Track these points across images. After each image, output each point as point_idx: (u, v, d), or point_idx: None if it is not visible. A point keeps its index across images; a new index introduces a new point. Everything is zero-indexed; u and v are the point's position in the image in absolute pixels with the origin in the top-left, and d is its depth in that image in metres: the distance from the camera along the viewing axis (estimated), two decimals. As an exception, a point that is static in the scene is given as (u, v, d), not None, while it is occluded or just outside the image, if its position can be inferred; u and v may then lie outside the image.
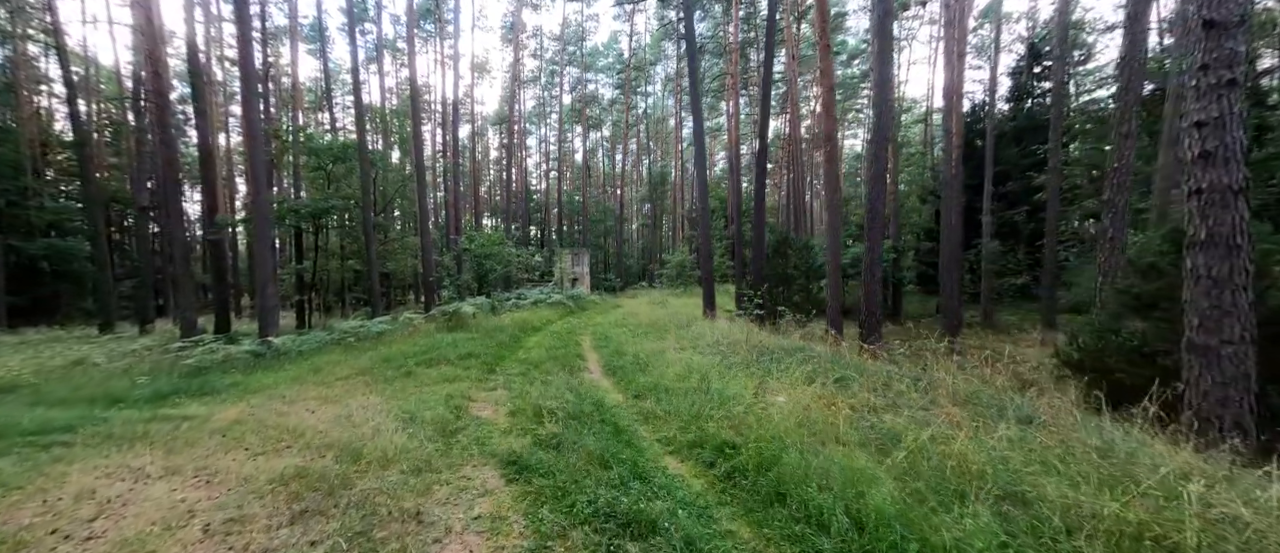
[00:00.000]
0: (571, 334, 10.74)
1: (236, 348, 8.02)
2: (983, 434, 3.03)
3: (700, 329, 9.14)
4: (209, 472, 3.56)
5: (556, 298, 17.65)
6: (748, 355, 6.10)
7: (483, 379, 6.31)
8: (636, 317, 12.99)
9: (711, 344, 7.39)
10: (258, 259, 10.00)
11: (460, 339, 8.88)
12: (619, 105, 48.22)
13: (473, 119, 47.30)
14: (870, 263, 8.29)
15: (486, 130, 56.73)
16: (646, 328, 10.69)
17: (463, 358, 7.38)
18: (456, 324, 10.18)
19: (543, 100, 47.50)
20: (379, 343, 8.42)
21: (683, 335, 8.55)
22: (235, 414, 5.17)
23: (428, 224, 13.11)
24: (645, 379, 5.62)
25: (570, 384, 5.67)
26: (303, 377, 6.92)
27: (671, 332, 9.22)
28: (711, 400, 4.26)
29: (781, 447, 3.06)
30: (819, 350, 6.49)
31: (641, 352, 7.23)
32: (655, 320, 11.51)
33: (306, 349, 8.21)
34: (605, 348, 8.50)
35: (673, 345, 7.70)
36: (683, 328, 9.86)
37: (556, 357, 7.44)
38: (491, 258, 15.33)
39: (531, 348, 8.80)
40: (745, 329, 8.91)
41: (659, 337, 9.10)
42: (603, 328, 11.64)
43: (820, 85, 8.47)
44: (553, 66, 42.54)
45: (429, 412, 4.61)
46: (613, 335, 9.92)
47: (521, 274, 18.86)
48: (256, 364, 7.81)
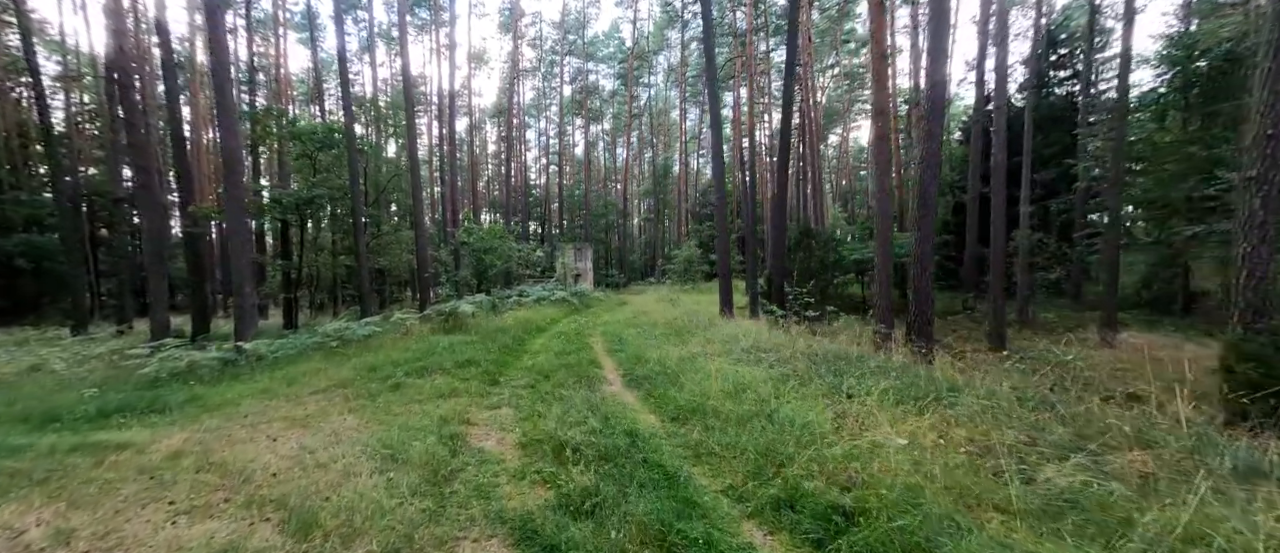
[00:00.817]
0: (580, 335, 9.77)
1: (203, 354, 7.03)
2: (1215, 500, 2.06)
3: (728, 330, 8.17)
4: (107, 544, 2.58)
5: (560, 295, 16.67)
6: (804, 366, 5.12)
7: (484, 394, 5.33)
8: (648, 315, 12.02)
9: (747, 349, 6.41)
10: (233, 255, 8.99)
11: (458, 343, 7.89)
12: (620, 97, 47.06)
13: (470, 112, 46.11)
14: (922, 255, 7.32)
15: (484, 123, 55.53)
16: (663, 328, 9.72)
17: (461, 366, 6.39)
18: (454, 325, 9.20)
19: (542, 91, 46.29)
20: (366, 348, 7.43)
21: (709, 338, 7.58)
22: (179, 443, 4.20)
23: (423, 217, 12.13)
24: (682, 397, 4.65)
25: (591, 403, 4.69)
26: (273, 389, 5.94)
27: (696, 334, 8.25)
28: (783, 433, 3.29)
29: (923, 518, 2.09)
30: (892, 361, 5.52)
31: (667, 359, 6.25)
32: (671, 320, 10.54)
33: (283, 355, 7.22)
34: (621, 352, 7.53)
35: (700, 350, 6.73)
36: (704, 329, 8.89)
37: (568, 365, 6.46)
38: (491, 253, 14.32)
39: (538, 352, 7.82)
40: (785, 332, 7.95)
41: (680, 339, 8.13)
42: (613, 328, 10.67)
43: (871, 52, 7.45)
44: (552, 56, 41.33)
45: (417, 443, 3.64)
46: (627, 337, 8.95)
47: (522, 270, 17.88)
48: (224, 373, 6.82)
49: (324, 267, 16.40)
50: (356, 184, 10.88)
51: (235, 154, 8.68)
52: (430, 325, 9.23)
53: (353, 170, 10.89)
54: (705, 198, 45.17)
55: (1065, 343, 10.38)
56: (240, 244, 9.05)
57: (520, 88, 42.86)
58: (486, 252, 14.05)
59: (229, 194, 8.75)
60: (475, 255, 13.92)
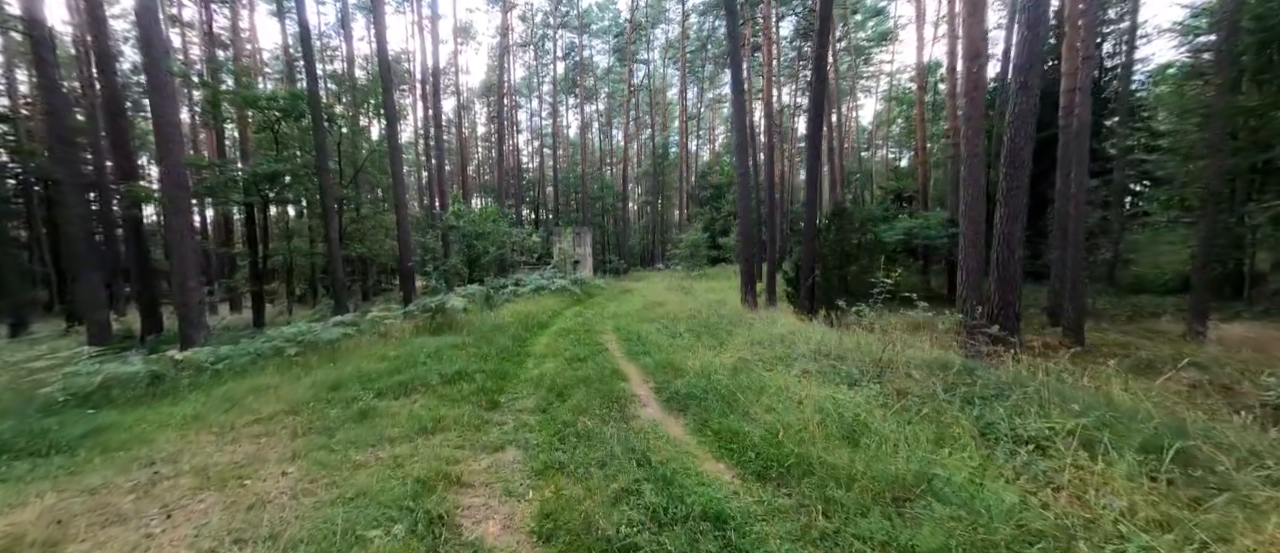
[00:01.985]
0: (589, 333, 8.44)
1: (128, 367, 5.61)
2: None
3: (769, 328, 6.86)
4: None
5: (560, 284, 15.29)
6: (918, 386, 3.82)
7: (480, 424, 3.99)
8: (663, 307, 10.70)
9: (811, 355, 5.12)
10: (174, 242, 7.52)
11: (447, 347, 6.53)
12: (615, 74, 45.05)
13: (458, 91, 43.97)
14: (1009, 234, 6.02)
15: (473, 104, 53.35)
16: (686, 323, 8.41)
17: (450, 381, 5.04)
18: (442, 324, 7.82)
19: (533, 68, 44.15)
20: (332, 356, 6.04)
21: (752, 339, 6.27)
22: (28, 520, 2.84)
23: (404, 196, 10.61)
24: (757, 433, 3.35)
25: (628, 443, 3.38)
26: (204, 417, 4.57)
27: (731, 331, 6.93)
28: (980, 519, 1.99)
29: None
30: (1014, 370, 4.24)
31: (713, 370, 4.94)
32: (693, 313, 9.22)
33: (229, 367, 5.82)
34: (645, 356, 6.21)
35: (749, 355, 5.42)
36: (737, 324, 7.59)
37: (586, 378, 5.13)
38: (484, 238, 12.84)
39: (544, 358, 6.48)
40: (837, 328, 6.67)
41: (714, 338, 6.82)
42: (626, 322, 9.35)
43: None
44: (544, 29, 39.18)
45: (377, 534, 2.31)
46: (646, 335, 7.63)
47: (518, 257, 16.44)
48: (149, 392, 5.42)
49: (300, 256, 14.86)
50: (324, 158, 9.34)
51: (169, 120, 7.12)
52: (414, 324, 7.84)
53: (320, 143, 9.31)
54: (705, 181, 43.65)
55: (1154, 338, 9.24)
56: (180, 229, 7.56)
57: (511, 64, 40.75)
58: (479, 237, 12.55)
59: (164, 169, 7.24)
60: (466, 241, 12.43)
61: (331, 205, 9.50)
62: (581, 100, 42.02)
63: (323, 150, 9.32)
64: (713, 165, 48.05)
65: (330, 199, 9.37)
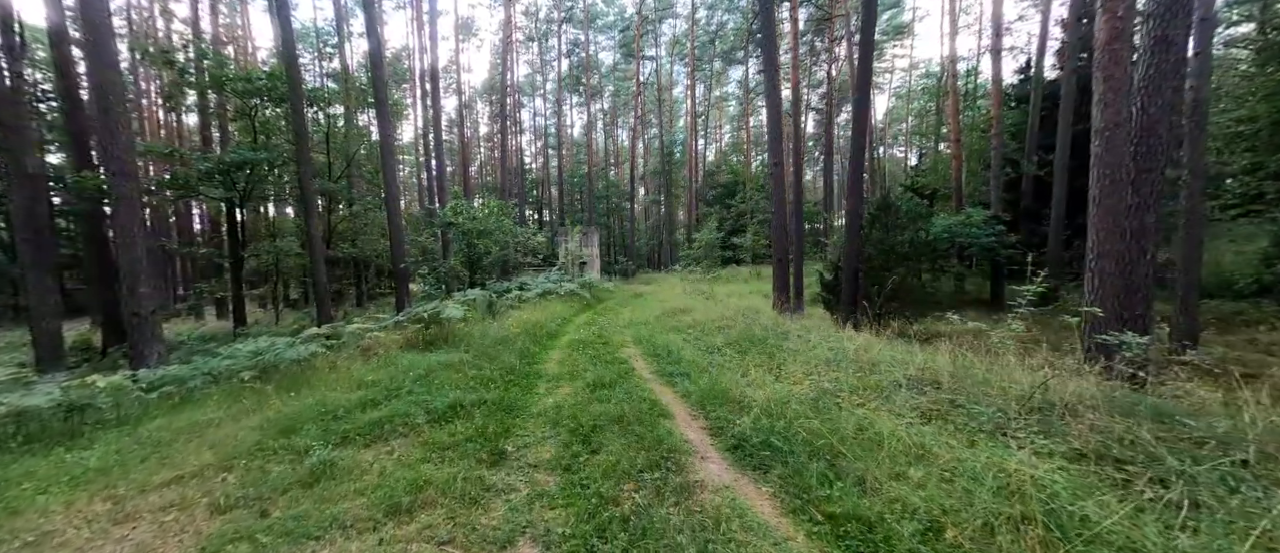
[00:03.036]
0: (607, 346, 7.25)
1: (31, 399, 4.44)
2: None
3: (837, 343, 5.65)
4: None
5: (568, 287, 14.13)
6: (1124, 444, 2.61)
7: (477, 498, 2.78)
8: (688, 314, 9.51)
9: (911, 381, 3.92)
10: (121, 242, 6.38)
11: (440, 367, 5.36)
12: (621, 72, 43.96)
13: (459, 89, 43.01)
14: (1137, 229, 4.81)
15: (476, 103, 52.41)
16: (719, 333, 7.22)
17: (440, 420, 3.86)
18: (436, 336, 6.65)
19: (537, 66, 43.11)
20: (295, 381, 4.87)
21: (817, 357, 5.07)
22: None
23: (396, 189, 9.43)
24: (904, 525, 2.16)
25: (700, 539, 2.20)
26: (112, 470, 3.41)
27: (789, 347, 5.72)
28: None
29: None
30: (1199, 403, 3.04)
31: (784, 402, 3.74)
32: (724, 321, 8.02)
33: (167, 394, 4.66)
34: (684, 379, 5.03)
35: (828, 383, 4.22)
36: (784, 337, 6.39)
37: (616, 413, 3.93)
38: (486, 237, 11.67)
39: (558, 380, 5.30)
40: (912, 346, 5.48)
41: (763, 354, 5.62)
42: (648, 332, 8.16)
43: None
44: (548, 25, 38.11)
45: None
46: (675, 349, 6.45)
47: (522, 259, 15.29)
48: (63, 428, 4.25)
49: (291, 258, 13.72)
50: (304, 147, 8.18)
51: (113, 92, 5.98)
52: (404, 336, 6.66)
53: (298, 128, 8.14)
54: (712, 180, 42.45)
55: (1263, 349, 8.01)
56: (128, 226, 6.41)
57: (514, 61, 39.73)
58: (480, 236, 11.39)
59: (107, 154, 6.09)
60: (466, 240, 11.27)
61: (312, 199, 8.35)
62: (587, 98, 40.90)
63: (301, 136, 8.16)
64: (720, 165, 46.96)
65: (310, 191, 8.22)
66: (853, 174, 9.15)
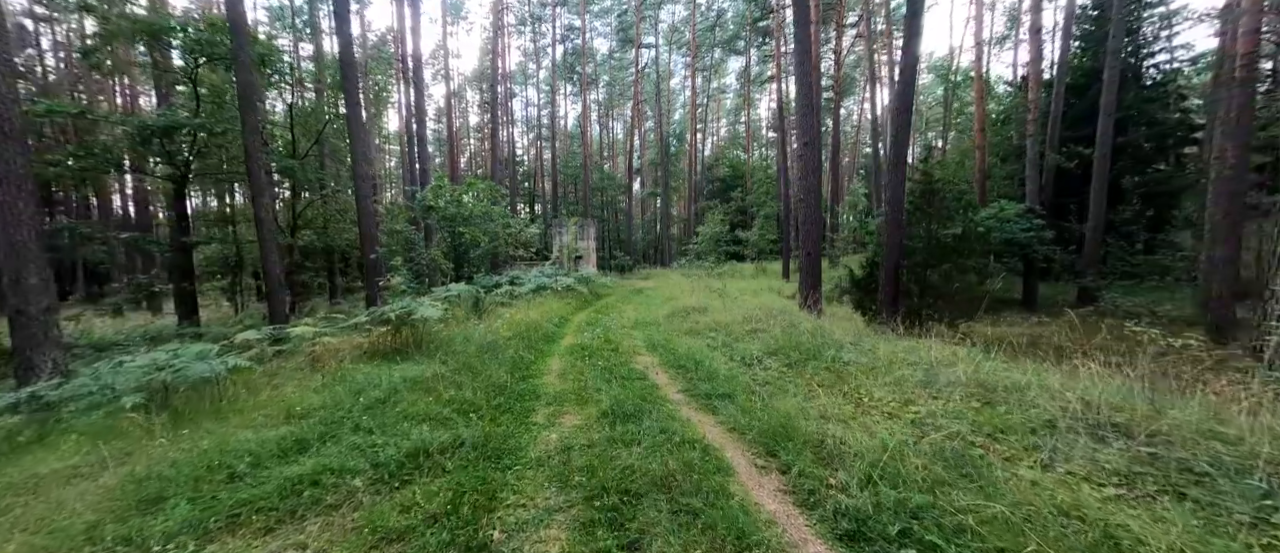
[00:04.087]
0: (617, 353, 6.02)
1: None
2: None
3: (908, 354, 4.45)
4: None
5: (565, 282, 12.87)
6: None
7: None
8: (705, 314, 8.30)
9: (1073, 418, 2.74)
10: (2, 221, 4.99)
11: (407, 385, 4.09)
12: (616, 60, 42.51)
13: (448, 75, 41.26)
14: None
15: (466, 91, 50.66)
16: (750, 339, 6.02)
17: (391, 478, 2.60)
18: (407, 342, 5.35)
19: (530, 52, 41.50)
20: (198, 411, 3.57)
21: (897, 376, 3.87)
22: None
23: (366, 166, 7.96)
24: None
25: None
26: None
27: (846, 358, 4.52)
28: None
29: None
30: None
31: (899, 458, 2.53)
32: (753, 324, 6.82)
33: (10, 436, 3.34)
34: (727, 404, 3.81)
35: (937, 413, 3.03)
36: (834, 346, 5.19)
37: (652, 469, 2.69)
38: (473, 224, 10.27)
39: (561, 404, 4.04)
40: (992, 357, 4.33)
41: (832, 373, 4.42)
42: (661, 336, 6.95)
43: None
44: (542, 9, 36.51)
45: None
46: (705, 361, 5.23)
47: (513, 251, 13.96)
48: None
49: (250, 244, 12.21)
50: (252, 111, 6.75)
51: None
52: (368, 340, 5.36)
53: (244, 87, 6.73)
54: (711, 174, 41.22)
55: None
56: (10, 201, 5.04)
57: (505, 47, 38.11)
58: (466, 223, 9.98)
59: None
60: (450, 227, 9.85)
61: (261, 174, 6.95)
62: (581, 87, 39.40)
63: (247, 98, 6.73)
64: (718, 158, 45.78)
65: (258, 165, 6.83)
66: (895, 156, 7.99)
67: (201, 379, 3.67)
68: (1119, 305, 11.21)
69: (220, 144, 8.83)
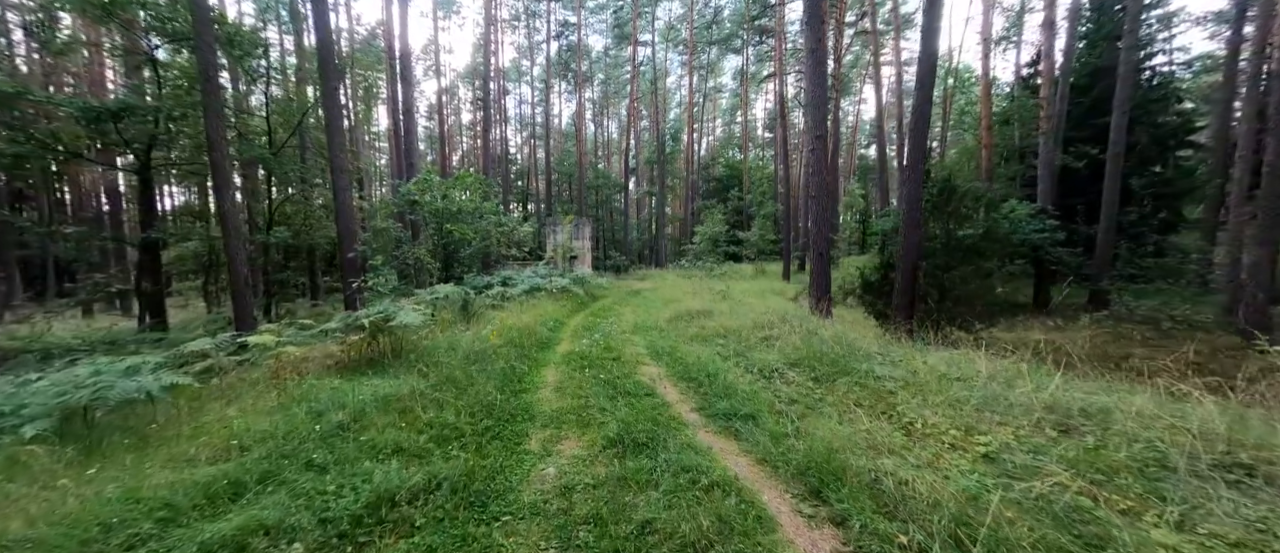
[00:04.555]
0: (619, 363, 5.46)
1: None
2: None
3: (947, 367, 3.94)
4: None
5: (559, 283, 12.27)
6: None
7: None
8: (711, 318, 7.76)
9: (1190, 458, 2.22)
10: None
11: (377, 406, 3.50)
12: (612, 57, 41.90)
13: (439, 71, 40.44)
14: None
15: (458, 88, 49.83)
16: (763, 346, 5.49)
17: (341, 542, 2.02)
18: (383, 353, 4.75)
19: (523, 49, 40.76)
20: (118, 442, 2.96)
21: (951, 395, 3.35)
22: None
23: (342, 156, 7.21)
24: None
25: None
26: None
27: (880, 372, 4.00)
28: None
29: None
30: None
31: (1006, 513, 2.00)
32: (766, 331, 6.29)
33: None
34: (751, 428, 3.27)
35: (1013, 444, 2.51)
36: (863, 358, 4.68)
37: (679, 530, 2.14)
38: (461, 220, 9.59)
39: (559, 426, 3.47)
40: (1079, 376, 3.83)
41: (866, 391, 3.90)
42: (665, 342, 6.40)
43: None
44: (536, 3, 35.81)
45: None
46: (718, 373, 4.68)
47: (506, 250, 13.34)
48: None
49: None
50: (213, 91, 6.05)
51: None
52: (338, 351, 4.75)
53: (204, 67, 6.04)
54: (707, 174, 40.74)
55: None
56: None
57: (499, 42, 37.39)
58: (454, 219, 9.29)
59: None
60: (437, 223, 9.16)
61: (223, 163, 6.28)
62: (576, 85, 38.74)
63: (209, 81, 6.05)
64: (714, 158, 45.34)
65: (223, 154, 6.16)
66: (913, 151, 7.50)
67: (128, 401, 3.06)
68: (1134, 310, 10.85)
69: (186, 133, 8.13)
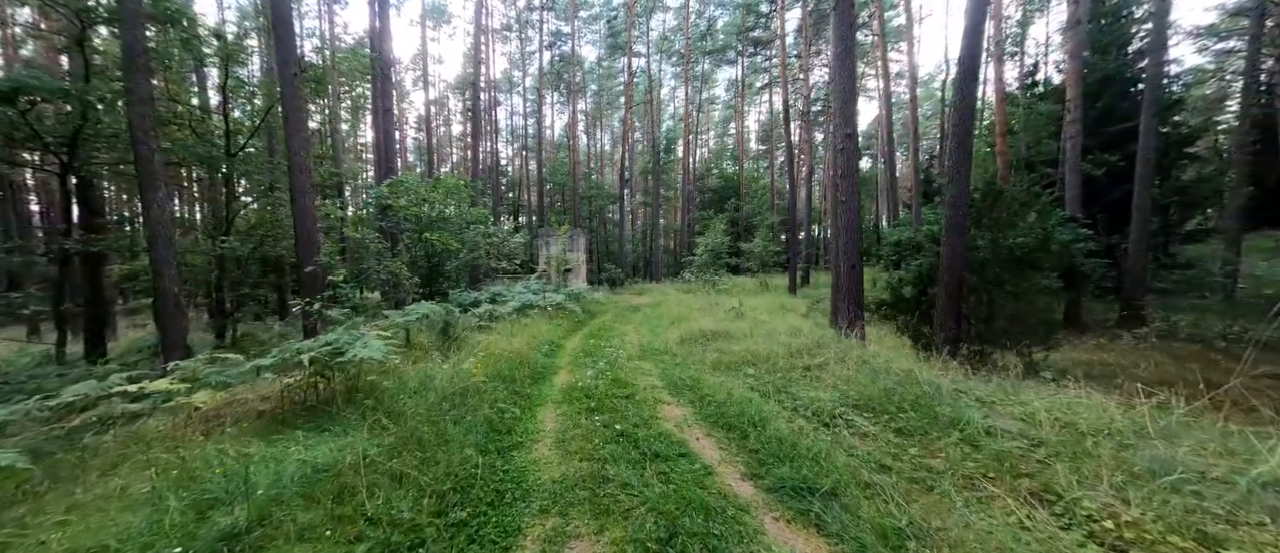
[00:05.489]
0: (630, 399, 4.43)
1: None
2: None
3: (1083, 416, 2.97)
4: None
5: (554, 299, 11.22)
6: None
7: None
8: (729, 339, 6.76)
9: None
10: None
11: (301, 484, 2.43)
12: (604, 68, 41.37)
13: (427, 81, 39.58)
14: None
15: (449, 100, 49.01)
16: (806, 379, 4.50)
17: None
18: (332, 396, 3.67)
19: (515, 59, 40.07)
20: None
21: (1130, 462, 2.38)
22: None
23: (303, 154, 5.99)
24: None
25: None
26: None
27: (1068, 464, 3.01)
28: None
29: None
30: None
31: None
32: (801, 357, 5.30)
33: None
34: (844, 517, 2.25)
35: None
36: (950, 398, 3.71)
37: None
38: (443, 229, 8.43)
39: (565, 509, 2.43)
40: None
41: (998, 464, 2.90)
42: (689, 375, 5.38)
43: None
44: (527, 12, 35.18)
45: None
46: (764, 419, 3.69)
47: (496, 263, 12.28)
48: None
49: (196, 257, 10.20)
50: (141, 72, 5.00)
51: None
52: (281, 388, 3.67)
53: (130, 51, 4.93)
54: (702, 185, 40.03)
55: None
56: None
57: (490, 52, 36.70)
58: (434, 227, 8.10)
59: None
60: (417, 231, 7.96)
61: (150, 159, 5.18)
62: (569, 96, 38.05)
63: (134, 61, 4.95)
64: (708, 169, 44.76)
65: (149, 150, 5.05)
66: (957, 151, 6.66)
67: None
68: (1178, 325, 10.06)
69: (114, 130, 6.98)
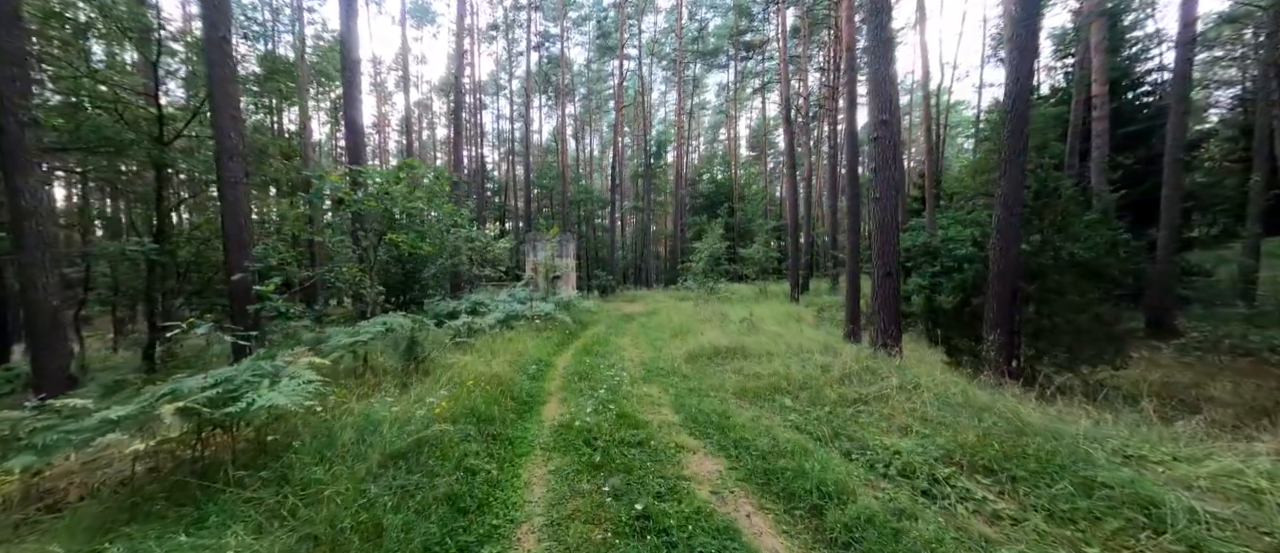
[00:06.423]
0: (643, 446, 3.39)
1: None
2: None
3: None
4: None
5: (542, 309, 10.12)
6: None
7: None
8: (749, 359, 5.74)
9: None
10: None
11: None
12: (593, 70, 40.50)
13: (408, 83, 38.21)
14: None
15: (433, 102, 47.58)
16: (863, 415, 3.51)
17: None
18: (229, 458, 2.54)
19: (503, 63, 38.95)
20: None
21: None
22: None
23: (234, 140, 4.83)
24: None
25: None
26: None
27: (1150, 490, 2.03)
28: None
29: None
30: None
31: None
32: (851, 386, 4.31)
33: None
34: None
35: None
36: (1068, 441, 2.73)
37: None
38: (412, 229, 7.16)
39: None
40: None
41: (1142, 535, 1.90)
42: (712, 409, 4.35)
43: None
44: (515, 12, 34.14)
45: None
46: (868, 508, 2.67)
47: (479, 269, 11.14)
48: None
49: (116, 261, 8.60)
50: (3, 21, 3.79)
51: None
52: (132, 456, 2.53)
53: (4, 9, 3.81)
54: (694, 190, 39.19)
55: None
56: None
57: (475, 53, 35.54)
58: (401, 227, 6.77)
59: None
60: (378, 232, 6.66)
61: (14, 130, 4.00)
62: (558, 98, 37.02)
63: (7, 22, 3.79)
64: (700, 174, 44.02)
65: (14, 121, 3.89)
66: (1013, 138, 5.80)
67: None
68: (1221, 336, 9.35)
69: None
